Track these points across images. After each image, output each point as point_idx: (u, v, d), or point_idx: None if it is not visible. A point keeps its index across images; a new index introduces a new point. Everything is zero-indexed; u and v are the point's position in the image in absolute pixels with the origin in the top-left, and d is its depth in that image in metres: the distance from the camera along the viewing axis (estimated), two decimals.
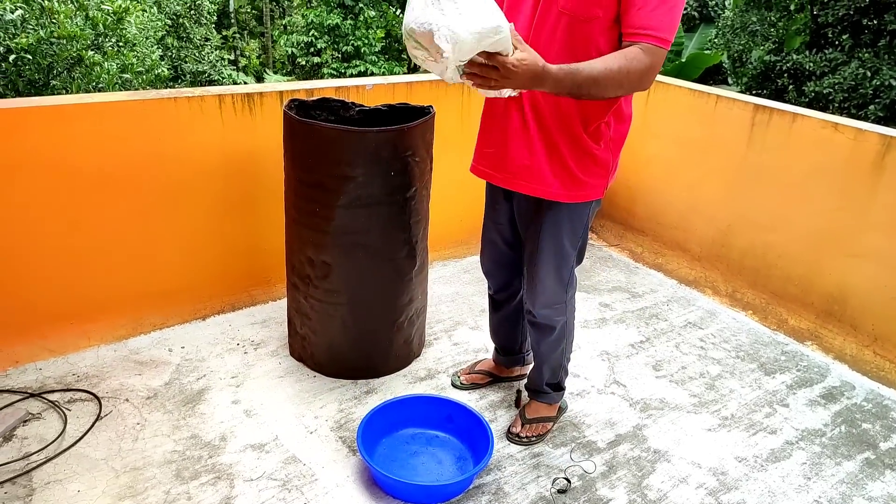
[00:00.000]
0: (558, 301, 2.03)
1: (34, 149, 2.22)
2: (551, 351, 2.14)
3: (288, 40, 13.66)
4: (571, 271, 2.01)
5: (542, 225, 1.90)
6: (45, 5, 5.11)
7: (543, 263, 1.95)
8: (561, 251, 1.93)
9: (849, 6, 7.06)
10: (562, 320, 2.07)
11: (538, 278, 1.98)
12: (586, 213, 1.91)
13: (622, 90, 1.61)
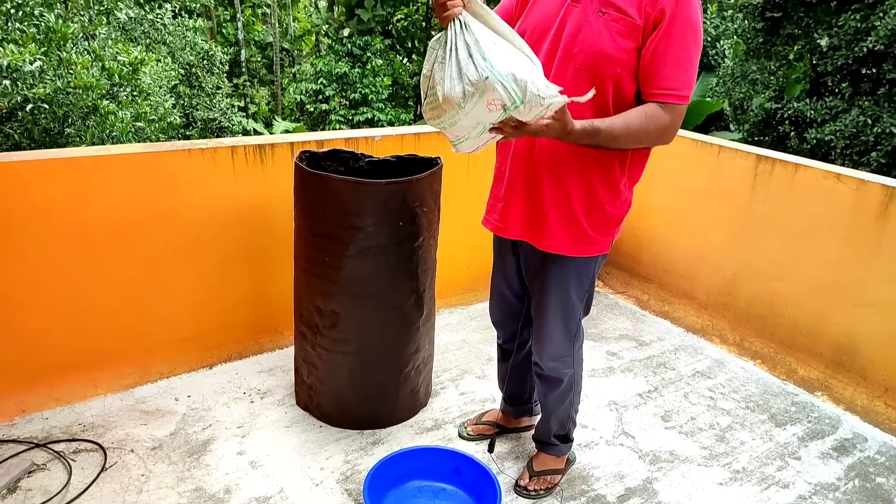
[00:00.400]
0: (565, 353, 2.02)
1: (49, 201, 2.26)
2: (559, 403, 2.13)
3: (297, 88, 13.98)
4: (578, 324, 2.02)
5: (548, 278, 1.91)
6: (64, 57, 5.27)
7: (550, 316, 1.95)
8: (567, 304, 1.94)
9: (847, 56, 7.20)
10: (569, 373, 2.07)
11: (545, 331, 1.98)
12: (593, 267, 1.92)
13: (642, 145, 1.66)
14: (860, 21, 7.01)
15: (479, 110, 1.46)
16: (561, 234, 1.81)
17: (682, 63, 1.57)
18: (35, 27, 5.23)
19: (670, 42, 1.55)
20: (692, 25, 1.56)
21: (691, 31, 1.56)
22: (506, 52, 1.45)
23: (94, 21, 6.43)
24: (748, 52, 8.68)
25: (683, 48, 1.56)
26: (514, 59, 1.44)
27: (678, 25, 1.54)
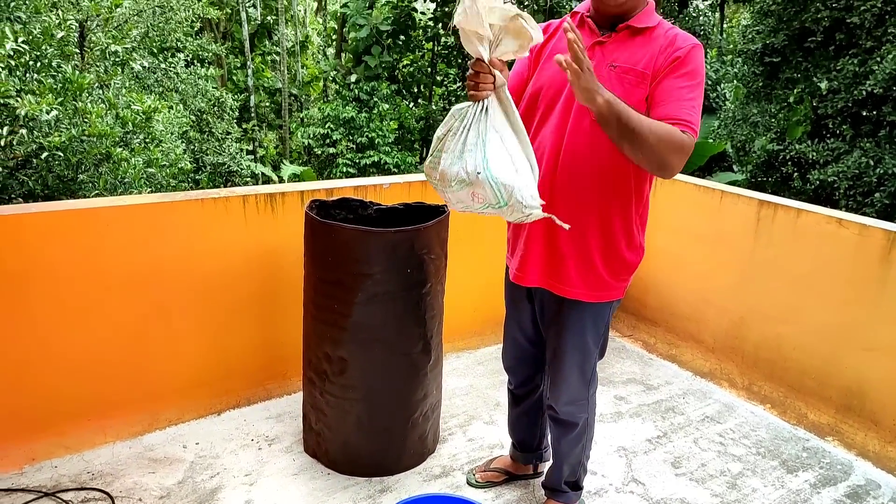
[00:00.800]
0: (581, 398, 2.04)
1: (62, 251, 2.32)
2: (571, 448, 2.13)
3: (305, 132, 14.24)
4: (594, 368, 2.04)
5: (565, 324, 1.94)
6: (79, 106, 5.41)
7: (567, 361, 1.98)
8: (584, 349, 1.97)
9: (847, 99, 7.31)
10: (584, 417, 2.08)
11: (562, 376, 2.00)
12: (608, 312, 1.96)
13: (654, 154, 1.56)
14: (858, 65, 7.14)
15: (465, 195, 1.57)
16: (579, 281, 1.86)
17: (691, 102, 1.62)
18: (53, 78, 5.39)
19: (679, 84, 1.63)
20: (701, 76, 1.65)
21: (700, 81, 1.64)
22: (508, 153, 1.54)
23: (109, 71, 6.62)
24: (748, 96, 8.82)
25: (693, 91, 1.63)
26: (513, 162, 1.54)
27: (689, 72, 1.63)
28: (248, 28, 15.88)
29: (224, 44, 15.80)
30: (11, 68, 4.83)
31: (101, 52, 6.84)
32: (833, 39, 7.50)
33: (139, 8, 8.24)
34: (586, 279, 1.85)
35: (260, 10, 17.97)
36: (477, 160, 1.52)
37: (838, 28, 7.38)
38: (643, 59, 1.67)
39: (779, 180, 8.33)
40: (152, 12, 8.49)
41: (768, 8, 8.05)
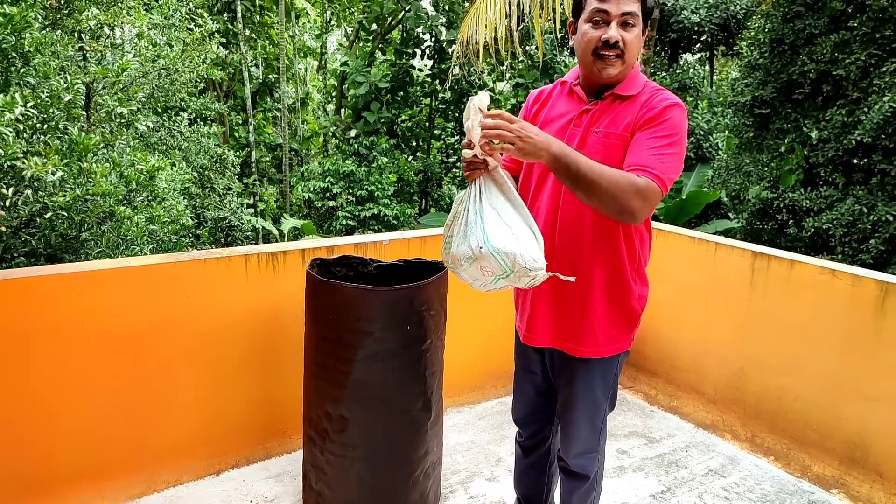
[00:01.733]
0: (592, 449, 2.06)
1: (64, 313, 2.35)
2: (582, 502, 2.12)
3: (305, 186, 14.43)
4: (604, 419, 2.06)
5: (575, 379, 1.97)
6: (84, 167, 5.52)
7: (578, 414, 2.00)
8: (594, 402, 1.99)
9: (837, 148, 7.45)
10: (595, 469, 2.08)
11: (572, 428, 2.02)
12: (616, 364, 1.99)
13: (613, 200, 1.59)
14: (846, 115, 7.31)
15: (476, 271, 1.68)
16: (586, 339, 1.90)
17: (660, 151, 1.66)
18: (59, 139, 5.51)
19: (649, 135, 1.69)
20: (677, 129, 1.70)
21: (675, 134, 1.69)
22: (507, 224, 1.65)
23: (114, 132, 6.77)
24: (740, 146, 8.99)
25: (663, 141, 1.67)
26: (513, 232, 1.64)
27: (662, 125, 1.69)
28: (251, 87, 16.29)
29: (227, 102, 16.17)
30: (19, 131, 4.95)
31: (106, 113, 7.01)
32: (820, 91, 7.70)
33: (145, 70, 8.47)
34: (593, 336, 1.90)
35: (262, 70, 18.46)
36: (478, 236, 1.64)
37: (825, 80, 7.58)
38: (623, 122, 1.75)
39: (774, 228, 8.41)
40: (158, 74, 8.73)
41: (756, 62, 8.29)
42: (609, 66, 1.74)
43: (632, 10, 1.70)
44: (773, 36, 7.98)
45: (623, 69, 1.76)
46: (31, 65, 5.57)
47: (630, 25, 1.72)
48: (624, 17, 1.71)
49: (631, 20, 1.71)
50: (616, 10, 1.70)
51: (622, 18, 1.71)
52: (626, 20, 1.71)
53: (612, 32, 1.70)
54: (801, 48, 7.72)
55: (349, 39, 19.43)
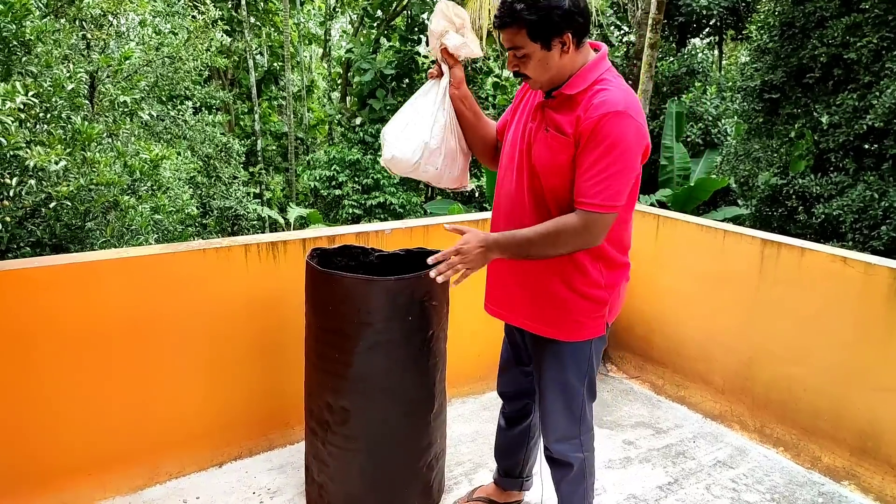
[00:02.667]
0: (571, 435, 2.07)
1: (63, 304, 2.32)
2: (572, 492, 2.13)
3: (311, 175, 14.40)
4: (582, 406, 2.06)
5: (545, 361, 2.03)
6: (88, 156, 5.50)
7: (551, 398, 2.05)
8: (566, 387, 2.03)
9: (848, 133, 7.34)
10: (579, 457, 2.08)
11: (547, 412, 2.07)
12: (588, 351, 2.00)
13: (565, 248, 1.79)
14: (857, 100, 7.19)
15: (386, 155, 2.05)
16: (550, 321, 1.95)
17: (597, 176, 1.71)
18: (62, 129, 5.49)
19: (588, 157, 1.72)
20: (615, 142, 1.69)
21: (613, 148, 1.70)
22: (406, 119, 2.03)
23: (118, 121, 6.74)
24: (749, 132, 8.87)
25: (601, 163, 1.70)
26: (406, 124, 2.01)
27: (598, 142, 1.70)
28: (256, 75, 16.22)
29: (232, 90, 16.13)
30: (22, 120, 4.92)
31: (110, 102, 6.98)
32: (831, 75, 7.57)
33: (149, 58, 8.43)
34: (556, 320, 1.94)
35: (267, 58, 18.38)
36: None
37: (836, 64, 7.45)
38: (568, 122, 1.77)
39: (784, 214, 8.31)
40: (162, 63, 8.69)
41: (765, 46, 8.15)
42: (527, 83, 1.89)
43: (513, 44, 1.75)
44: (784, 19, 7.84)
45: (544, 83, 1.81)
46: (33, 53, 5.53)
47: (520, 56, 1.77)
48: (512, 50, 1.78)
49: (517, 52, 1.76)
50: (507, 44, 1.77)
51: (511, 52, 1.78)
52: (514, 53, 1.77)
53: (509, 61, 1.82)
54: (811, 31, 7.59)
55: (354, 26, 19.31)
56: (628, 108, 1.71)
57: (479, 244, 1.83)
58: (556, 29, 1.70)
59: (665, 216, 3.53)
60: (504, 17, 1.71)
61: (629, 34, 13.90)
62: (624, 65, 13.09)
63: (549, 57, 1.74)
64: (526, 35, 1.71)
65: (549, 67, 1.76)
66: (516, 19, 1.70)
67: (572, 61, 1.77)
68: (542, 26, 1.69)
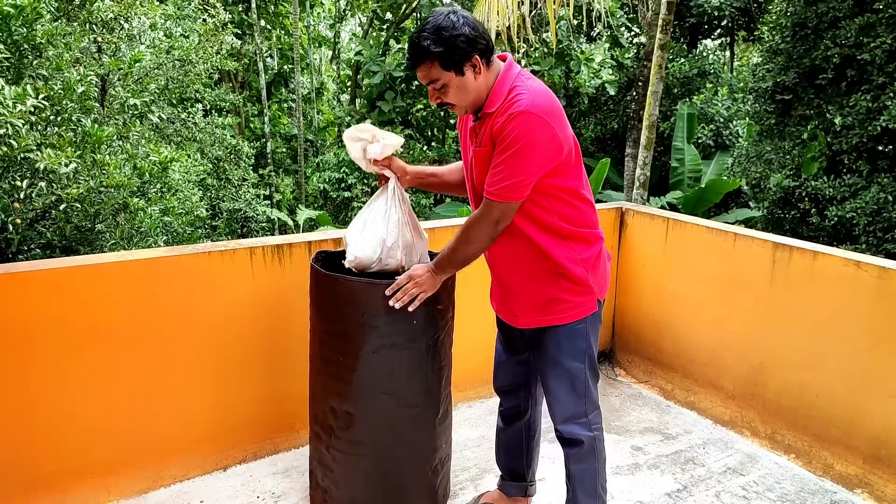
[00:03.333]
0: (578, 414, 2.11)
1: (70, 307, 2.32)
2: (584, 470, 2.13)
3: (321, 177, 14.41)
4: (586, 384, 2.11)
5: (544, 348, 2.11)
6: (98, 158, 5.52)
7: (554, 382, 2.12)
8: (568, 369, 2.09)
9: (861, 134, 7.25)
10: (588, 435, 2.11)
11: (552, 395, 2.17)
12: (583, 329, 2.06)
13: (479, 241, 1.98)
14: (871, 101, 7.10)
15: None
16: (539, 309, 2.06)
17: (497, 168, 1.87)
18: (73, 131, 5.52)
19: (498, 158, 1.87)
20: (515, 139, 1.82)
21: (514, 144, 1.82)
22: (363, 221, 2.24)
23: (128, 123, 6.77)
24: (761, 133, 8.79)
25: (501, 157, 1.85)
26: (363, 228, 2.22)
27: (502, 141, 1.84)
28: (266, 77, 16.28)
29: (242, 93, 16.19)
30: (32, 123, 4.95)
31: (120, 105, 7.01)
32: (844, 76, 7.49)
33: (159, 61, 8.47)
34: (544, 306, 2.05)
35: (277, 60, 18.45)
36: None
37: (849, 65, 7.37)
38: (485, 136, 1.91)
39: (796, 217, 8.22)
40: (172, 66, 8.72)
41: (777, 46, 8.07)
42: (451, 111, 2.00)
43: (430, 79, 1.88)
44: (796, 20, 7.76)
45: (468, 107, 1.93)
46: (44, 57, 5.57)
47: (438, 87, 1.89)
48: (429, 84, 1.90)
49: (434, 85, 1.89)
50: (424, 80, 1.90)
51: (431, 86, 1.90)
52: (433, 87, 1.90)
53: (430, 94, 1.93)
54: (824, 32, 7.50)
55: (363, 28, 19.36)
56: (531, 107, 1.82)
57: (426, 268, 2.06)
58: (464, 54, 1.84)
59: (675, 219, 3.49)
60: (415, 56, 1.86)
61: (639, 35, 13.83)
62: (634, 66, 13.02)
63: (464, 81, 1.87)
64: (439, 67, 1.85)
65: (468, 91, 1.89)
66: (427, 54, 1.84)
67: (486, 80, 1.90)
68: (450, 55, 1.83)
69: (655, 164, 11.52)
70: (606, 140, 14.25)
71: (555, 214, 1.99)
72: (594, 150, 14.31)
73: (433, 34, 1.81)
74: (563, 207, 1.99)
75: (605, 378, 3.75)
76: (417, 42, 1.84)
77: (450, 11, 1.85)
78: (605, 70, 13.09)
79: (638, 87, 11.35)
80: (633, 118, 11.30)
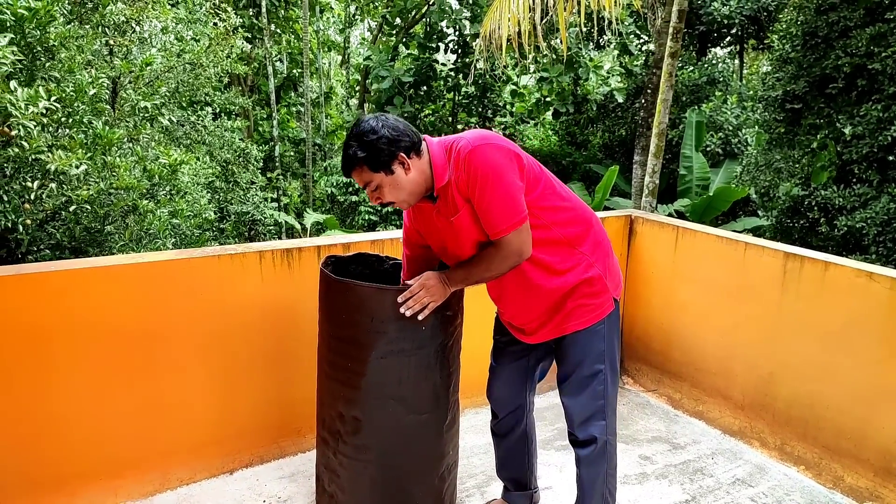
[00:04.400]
0: (595, 416, 2.10)
1: (79, 308, 2.33)
2: (595, 474, 2.12)
3: (328, 181, 14.46)
4: (605, 387, 2.10)
5: (563, 354, 2.12)
6: (108, 160, 5.55)
7: (572, 386, 2.11)
8: (586, 372, 2.08)
9: (872, 144, 7.22)
10: (602, 437, 2.10)
11: (570, 398, 2.13)
12: (602, 331, 2.07)
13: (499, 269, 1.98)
14: (882, 111, 7.07)
15: None
16: (564, 319, 2.06)
17: (495, 208, 1.89)
18: (84, 133, 5.55)
19: (478, 199, 1.90)
20: (486, 172, 1.86)
21: (487, 177, 1.87)
22: None
23: (138, 126, 6.81)
24: (771, 142, 8.76)
25: (492, 198, 1.88)
26: None
27: (479, 187, 1.88)
28: (275, 81, 16.35)
29: (251, 97, 16.25)
30: (44, 125, 4.98)
31: (131, 107, 7.05)
32: (855, 85, 7.45)
33: (170, 64, 8.52)
34: (569, 315, 2.05)
35: (286, 64, 18.53)
36: None
37: (860, 74, 7.34)
38: (456, 202, 1.95)
39: (806, 226, 8.18)
40: (183, 69, 8.77)
41: (787, 55, 8.05)
42: (398, 207, 2.03)
43: (366, 182, 1.93)
44: (806, 29, 7.74)
45: (410, 197, 1.97)
46: (57, 59, 5.60)
47: (373, 188, 1.94)
48: (367, 188, 1.96)
49: (369, 187, 1.94)
50: (360, 184, 1.96)
51: (367, 189, 1.96)
52: (369, 188, 1.95)
53: (372, 198, 1.98)
54: (834, 41, 7.48)
55: (373, 34, 19.42)
56: (473, 142, 1.88)
57: (439, 278, 2.06)
58: (390, 154, 1.89)
59: (685, 227, 3.47)
60: (346, 164, 1.93)
61: (649, 43, 13.83)
62: (644, 74, 13.01)
63: (396, 179, 1.92)
64: (368, 170, 1.91)
65: (402, 186, 1.93)
66: (355, 160, 1.90)
67: (421, 170, 1.94)
68: (376, 157, 1.89)
69: (663, 172, 11.49)
70: (614, 147, 14.23)
71: (554, 227, 2.02)
72: (602, 157, 14.29)
73: (356, 140, 1.89)
74: (555, 214, 2.02)
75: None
76: (346, 150, 1.92)
77: (372, 117, 1.92)
78: (613, 77, 13.09)
79: (647, 94, 11.34)
80: (642, 125, 11.28)
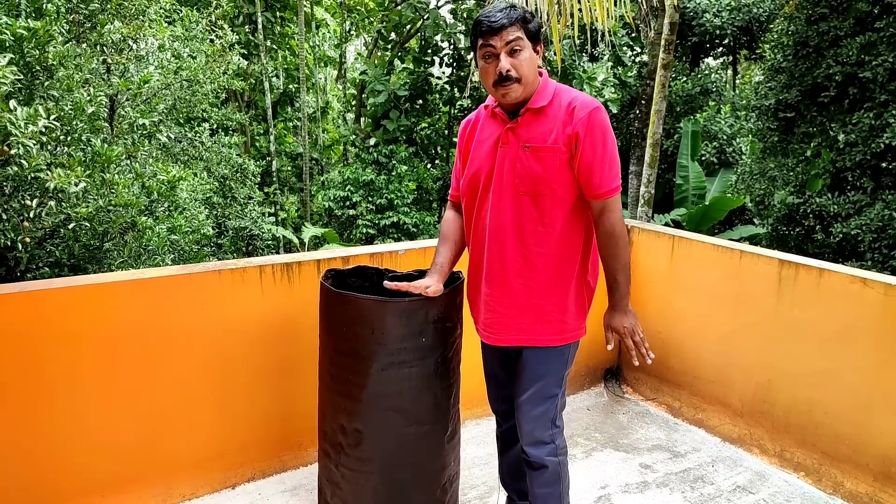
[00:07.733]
0: (545, 439, 2.11)
1: (81, 325, 2.34)
2: (548, 495, 2.14)
3: (326, 195, 14.48)
4: (555, 409, 2.13)
5: (526, 366, 2.11)
6: (107, 178, 5.57)
7: (529, 403, 2.11)
8: (545, 392, 2.09)
9: (865, 151, 7.28)
10: (554, 460, 2.12)
11: (524, 414, 2.12)
12: (567, 355, 2.13)
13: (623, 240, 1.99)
14: (874, 119, 7.14)
15: None
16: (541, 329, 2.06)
17: (605, 164, 1.93)
18: (82, 151, 5.57)
19: (590, 152, 1.91)
20: (602, 132, 1.92)
21: (606, 137, 1.93)
22: None
23: (136, 143, 6.84)
24: (765, 150, 8.82)
25: (604, 153, 1.92)
26: None
27: (595, 136, 1.91)
28: (271, 97, 16.43)
29: (248, 112, 16.33)
30: (43, 143, 5.00)
31: (129, 125, 7.09)
32: (847, 94, 7.53)
33: (167, 82, 8.57)
34: (548, 326, 2.05)
35: (282, 80, 18.63)
36: None
37: (851, 83, 7.42)
38: (550, 134, 1.94)
39: (801, 234, 8.23)
40: (180, 86, 8.82)
41: (779, 65, 8.13)
42: (509, 91, 1.93)
43: (514, 38, 1.89)
44: (797, 38, 7.83)
45: (525, 89, 1.94)
46: (55, 78, 5.64)
47: (517, 50, 1.90)
48: (510, 46, 1.89)
49: (517, 45, 1.90)
50: (500, 43, 1.89)
51: (508, 47, 1.89)
52: (513, 47, 1.89)
53: (502, 64, 1.90)
54: (825, 50, 7.56)
55: (368, 48, 19.54)
56: (595, 103, 1.94)
57: (628, 315, 2.03)
58: (537, 37, 1.94)
59: (680, 236, 3.50)
60: (505, 18, 1.88)
61: (642, 54, 13.95)
62: (637, 85, 13.11)
63: (534, 59, 1.94)
64: (524, 34, 1.91)
65: (534, 69, 1.94)
66: (519, 18, 1.89)
67: (537, 74, 1.98)
68: (533, 30, 1.93)
69: (659, 182, 11.57)
70: None
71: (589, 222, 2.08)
72: None
73: (520, 10, 1.91)
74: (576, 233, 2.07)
75: (612, 396, 3.74)
76: (509, 9, 1.90)
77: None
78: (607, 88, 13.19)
79: (641, 105, 11.42)
80: (637, 136, 11.36)
